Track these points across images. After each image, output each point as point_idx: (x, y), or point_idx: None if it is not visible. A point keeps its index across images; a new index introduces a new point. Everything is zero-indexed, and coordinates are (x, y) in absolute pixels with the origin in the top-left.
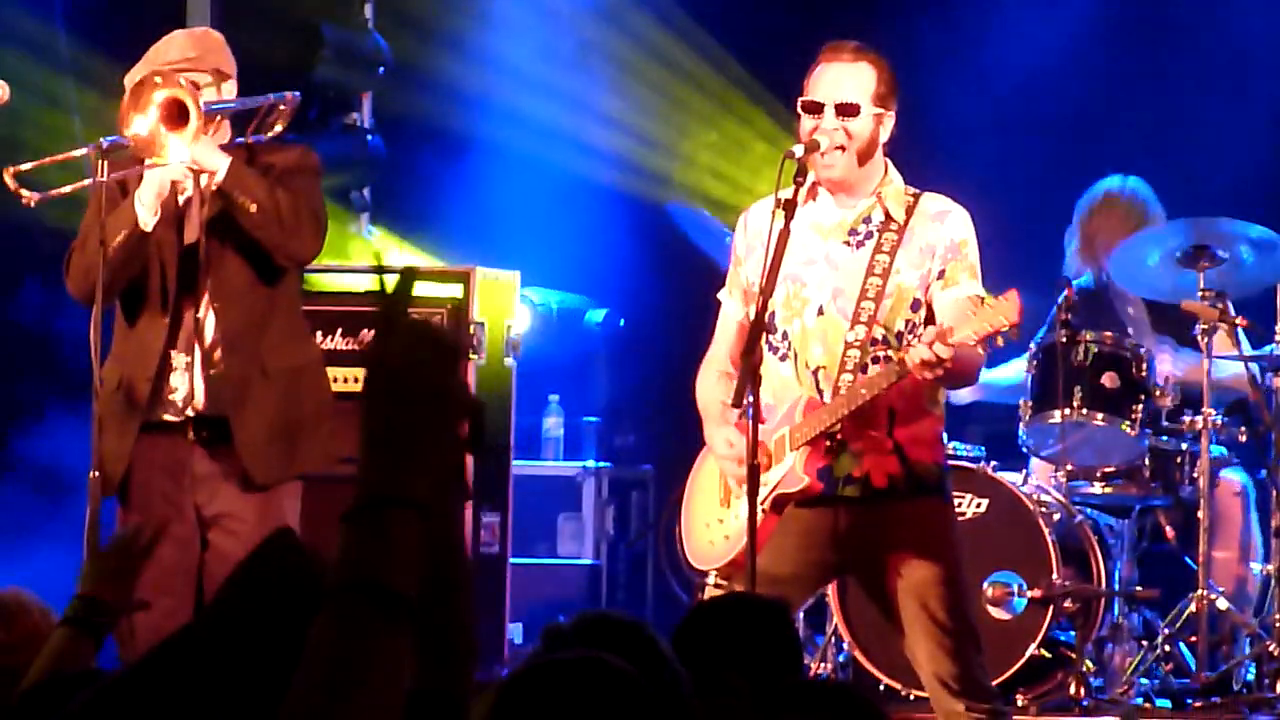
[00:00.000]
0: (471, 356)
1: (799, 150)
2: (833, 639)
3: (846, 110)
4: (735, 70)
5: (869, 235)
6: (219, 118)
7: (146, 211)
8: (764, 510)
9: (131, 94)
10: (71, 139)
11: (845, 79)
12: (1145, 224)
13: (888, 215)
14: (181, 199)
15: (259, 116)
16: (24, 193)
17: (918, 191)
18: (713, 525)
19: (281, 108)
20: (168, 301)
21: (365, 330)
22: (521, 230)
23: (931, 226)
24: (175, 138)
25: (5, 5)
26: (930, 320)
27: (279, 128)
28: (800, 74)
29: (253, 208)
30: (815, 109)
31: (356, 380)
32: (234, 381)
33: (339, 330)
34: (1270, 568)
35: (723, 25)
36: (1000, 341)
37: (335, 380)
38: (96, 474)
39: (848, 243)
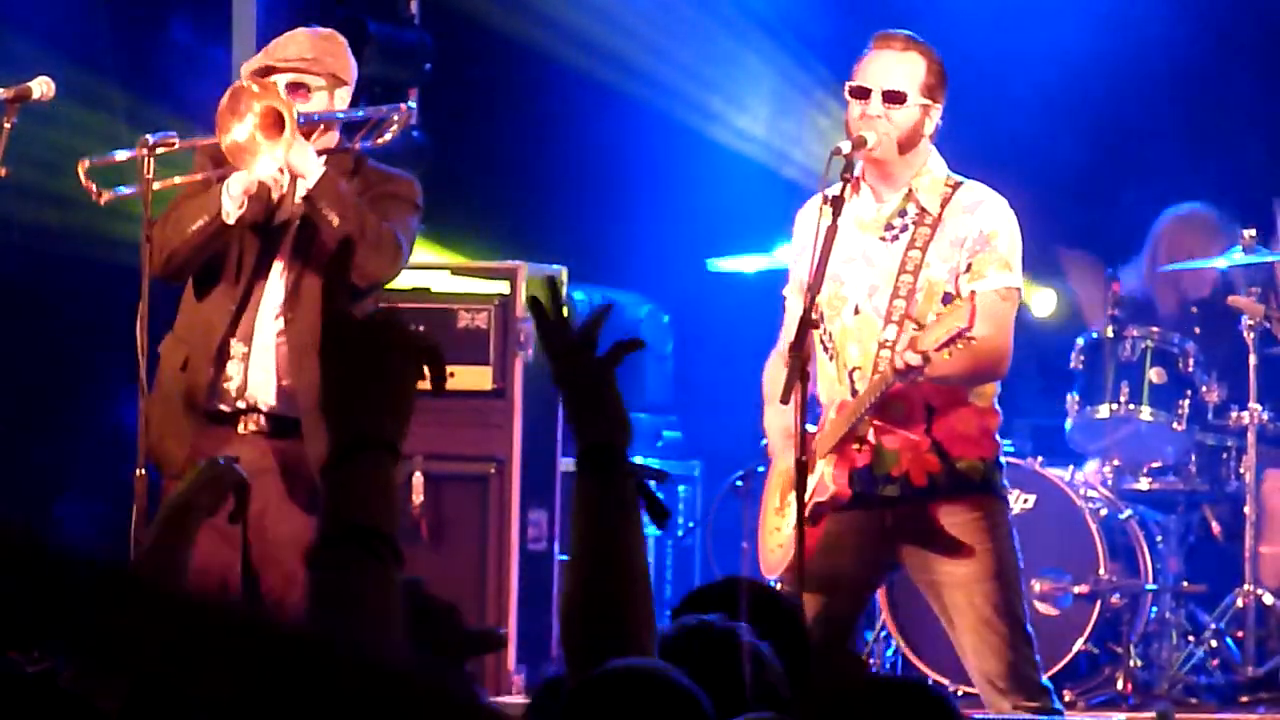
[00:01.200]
0: (518, 352)
1: (846, 146)
2: (881, 634)
3: (893, 97)
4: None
5: (904, 229)
6: (324, 125)
7: (232, 204)
8: (810, 518)
9: (230, 99)
10: (117, 141)
11: (894, 67)
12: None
13: (921, 209)
14: (277, 193)
15: (369, 125)
16: (94, 189)
17: (958, 181)
18: (772, 533)
19: (392, 118)
20: (238, 288)
21: (411, 325)
22: (569, 227)
23: (963, 218)
24: (270, 146)
25: (53, 7)
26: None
27: (389, 135)
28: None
29: (335, 220)
30: (862, 94)
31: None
32: (304, 390)
33: None
34: None
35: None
36: (960, 346)
37: None
38: (143, 472)
39: (884, 238)
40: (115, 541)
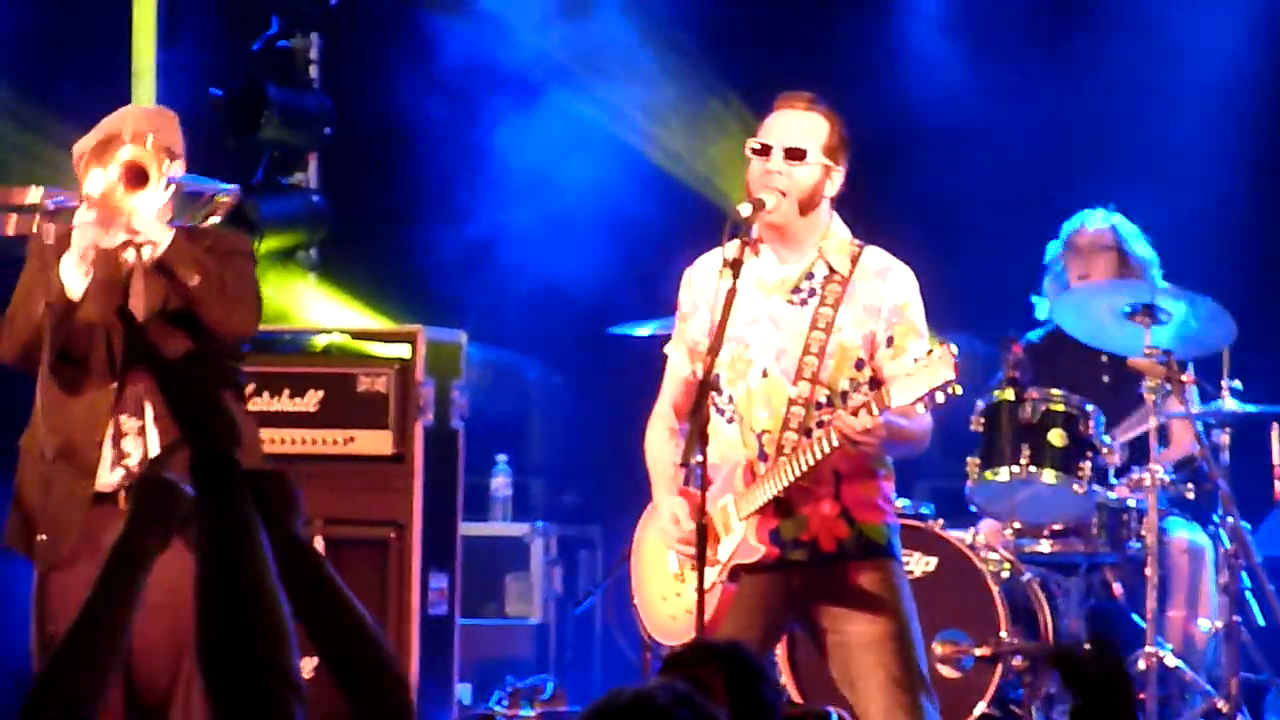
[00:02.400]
0: (418, 417)
1: (745, 209)
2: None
3: (794, 154)
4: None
5: (812, 292)
6: (178, 190)
7: (77, 275)
8: (722, 582)
9: (96, 148)
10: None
11: (796, 125)
12: (1124, 264)
13: (831, 269)
14: (125, 269)
15: (201, 203)
16: None
17: (861, 244)
18: (670, 599)
19: (224, 199)
20: (114, 368)
21: (311, 390)
22: (469, 290)
23: (874, 284)
24: (133, 201)
25: None
26: (875, 384)
27: (216, 219)
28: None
29: (194, 281)
30: (764, 151)
31: (298, 442)
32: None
33: (285, 391)
34: (1219, 624)
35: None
36: (940, 399)
37: (278, 442)
38: (44, 538)
39: (791, 300)
40: None
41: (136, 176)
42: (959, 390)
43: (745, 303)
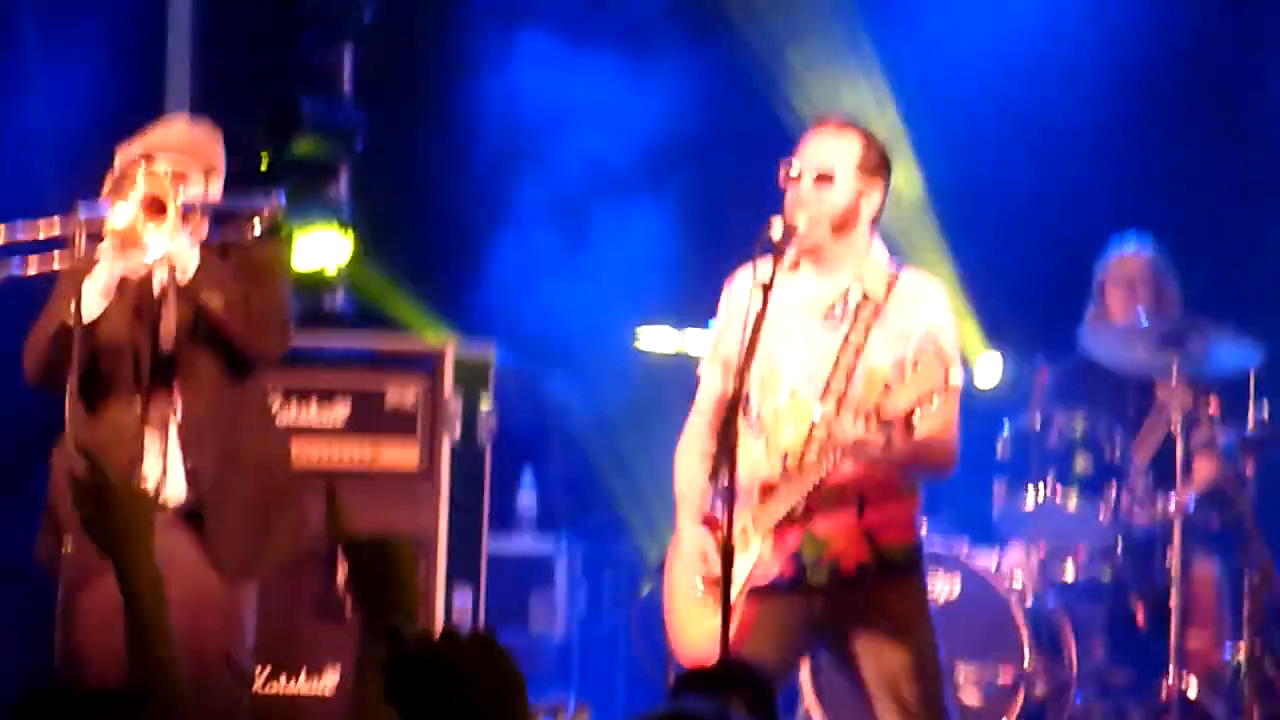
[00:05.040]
0: (445, 432)
1: (777, 231)
2: (804, 718)
3: (823, 179)
4: None
5: (845, 314)
6: (199, 214)
7: (99, 298)
8: (743, 602)
9: (115, 182)
10: None
11: (828, 149)
12: (1165, 290)
13: (865, 294)
14: (158, 291)
15: (240, 217)
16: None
17: (899, 268)
18: (695, 621)
19: (264, 212)
20: (140, 388)
21: (339, 404)
22: (495, 299)
23: (908, 308)
24: (153, 228)
25: None
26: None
27: (257, 231)
28: None
29: (220, 306)
30: (796, 180)
31: (325, 456)
32: (209, 476)
33: (313, 404)
34: (1242, 655)
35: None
36: (950, 410)
37: (304, 455)
38: (70, 549)
39: (825, 322)
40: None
41: (156, 207)
42: (954, 393)
43: (779, 321)
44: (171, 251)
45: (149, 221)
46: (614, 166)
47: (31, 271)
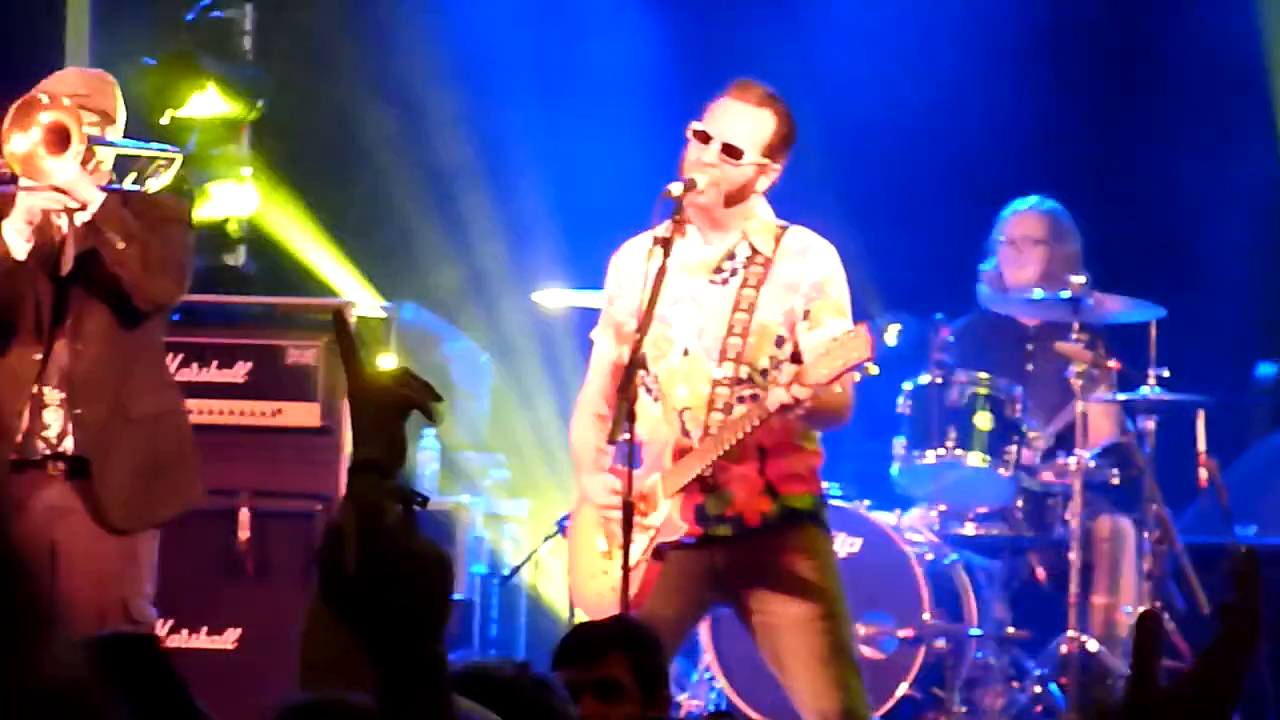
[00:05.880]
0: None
1: (677, 189)
2: (705, 675)
3: (732, 152)
4: None
5: (734, 272)
6: (97, 159)
7: (18, 239)
8: (646, 560)
9: (16, 111)
10: None
11: (742, 120)
12: (1055, 259)
13: (754, 250)
14: (58, 233)
15: (140, 166)
16: None
17: (785, 225)
18: (599, 576)
19: (163, 162)
20: (41, 335)
21: (240, 361)
22: (395, 259)
23: (794, 262)
24: (54, 162)
25: None
26: (797, 359)
27: (160, 179)
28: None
29: (120, 245)
30: (704, 139)
31: (226, 413)
32: (96, 425)
33: (214, 362)
34: (1142, 610)
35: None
36: (857, 376)
37: (205, 412)
38: None
39: (713, 280)
40: None
41: (59, 138)
42: (875, 370)
43: (669, 283)
44: (73, 186)
45: (51, 154)
46: (513, 127)
47: None
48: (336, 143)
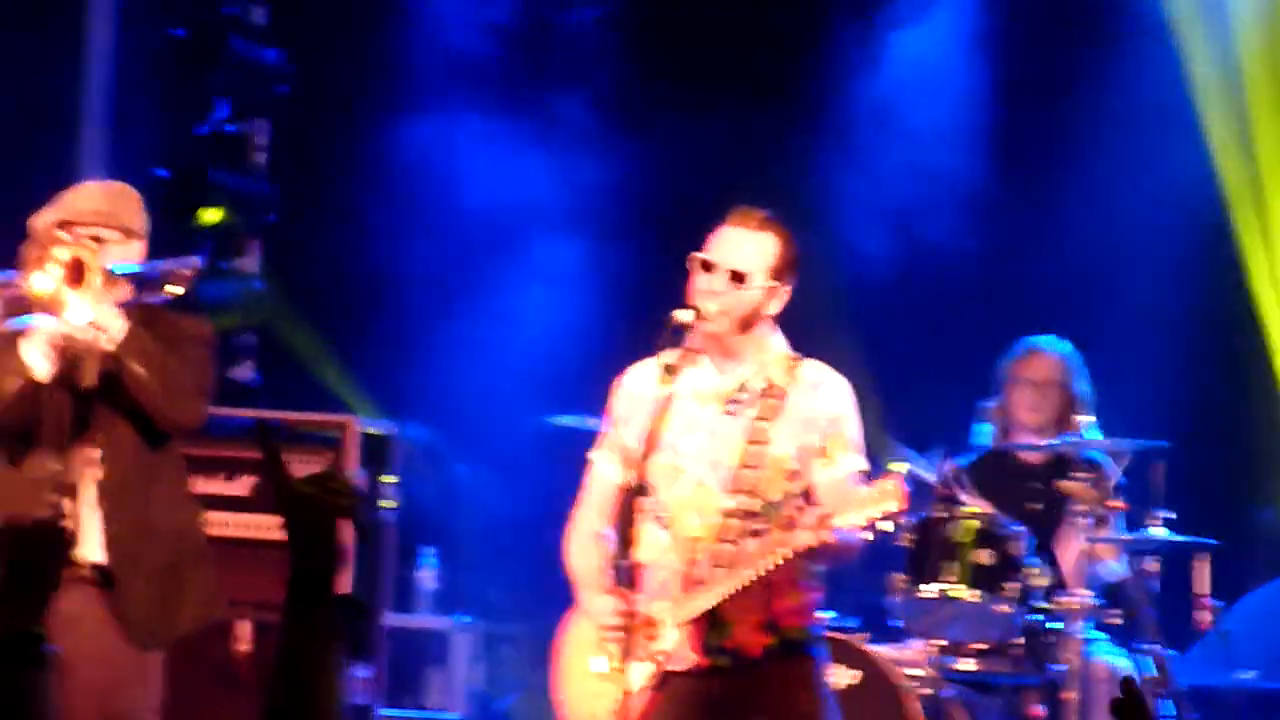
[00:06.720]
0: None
1: (686, 316)
2: None
3: (738, 277)
4: None
5: (747, 403)
6: (120, 278)
7: (42, 360)
8: (650, 689)
9: (35, 248)
10: None
11: (744, 246)
12: (1068, 404)
13: (769, 382)
14: (79, 349)
15: (160, 279)
16: None
17: (799, 358)
18: (597, 698)
19: (184, 272)
20: (61, 447)
21: (246, 475)
22: (403, 376)
23: (809, 397)
24: (75, 296)
25: None
26: (809, 495)
27: (179, 290)
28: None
29: (142, 373)
30: (709, 268)
31: (230, 525)
32: (124, 536)
33: (221, 474)
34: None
35: None
36: (888, 527)
37: (210, 524)
38: None
39: (727, 411)
40: None
41: (78, 272)
42: (904, 519)
43: (681, 411)
44: (96, 319)
45: (71, 289)
46: (534, 248)
47: None
48: (347, 257)
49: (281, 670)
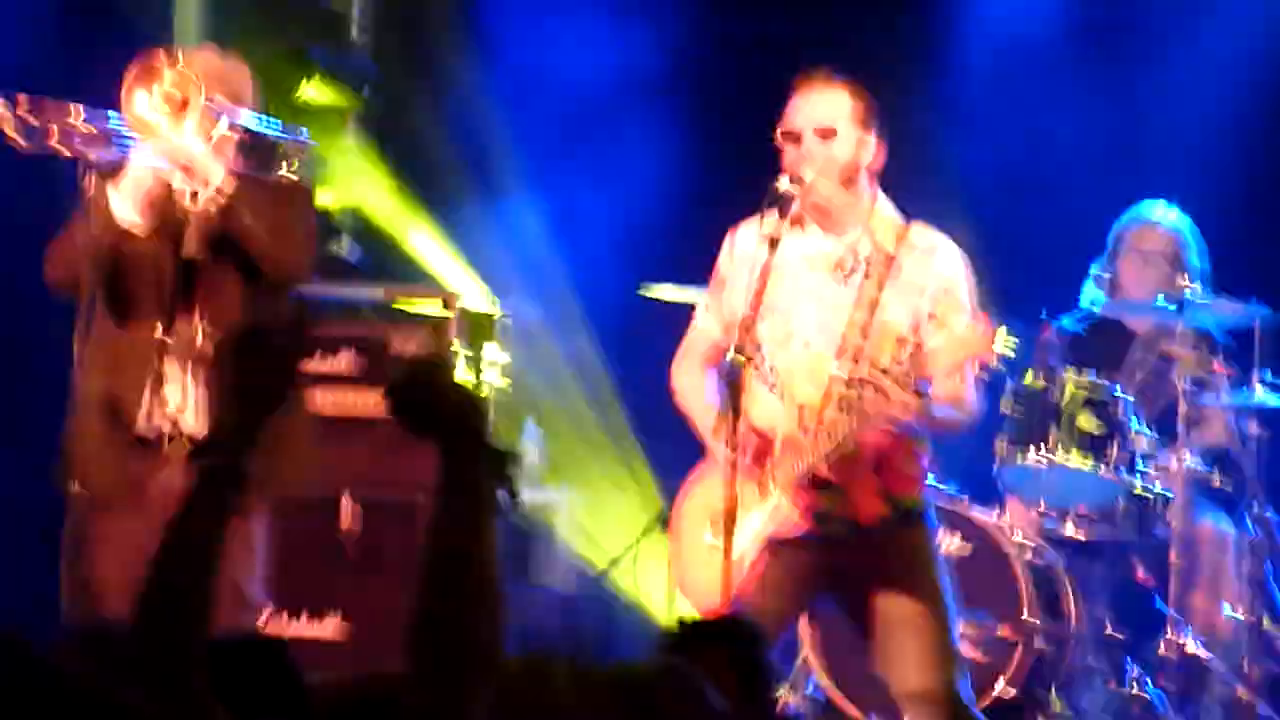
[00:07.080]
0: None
1: (784, 184)
2: (802, 669)
3: (825, 133)
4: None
5: (856, 268)
6: (222, 137)
7: (129, 206)
8: (757, 553)
9: (141, 70)
10: None
11: (821, 103)
12: (1179, 276)
13: (876, 247)
14: (181, 213)
15: (268, 151)
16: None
17: (909, 221)
18: (707, 565)
19: (291, 150)
20: (163, 313)
21: (344, 351)
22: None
23: (920, 262)
24: (176, 129)
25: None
26: (919, 359)
27: (286, 167)
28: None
29: (249, 220)
30: (794, 138)
31: (330, 403)
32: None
33: (319, 351)
34: (1243, 613)
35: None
36: (978, 373)
37: (309, 402)
38: (79, 488)
39: (835, 277)
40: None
41: (179, 103)
42: (995, 364)
43: (790, 277)
44: (195, 156)
45: (169, 117)
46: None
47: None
48: (444, 134)
49: (439, 531)
